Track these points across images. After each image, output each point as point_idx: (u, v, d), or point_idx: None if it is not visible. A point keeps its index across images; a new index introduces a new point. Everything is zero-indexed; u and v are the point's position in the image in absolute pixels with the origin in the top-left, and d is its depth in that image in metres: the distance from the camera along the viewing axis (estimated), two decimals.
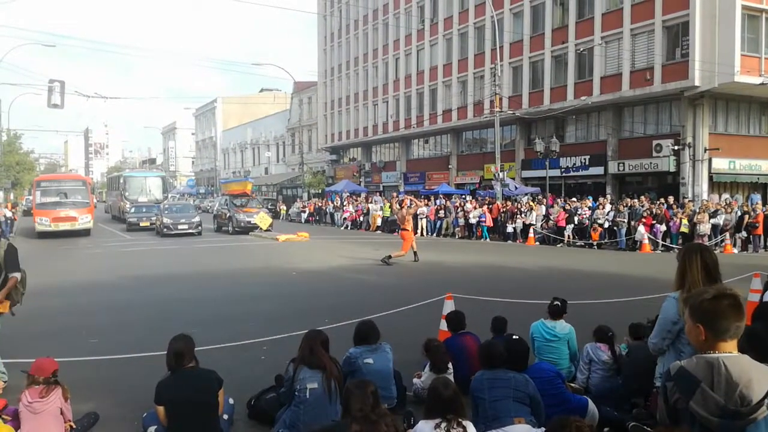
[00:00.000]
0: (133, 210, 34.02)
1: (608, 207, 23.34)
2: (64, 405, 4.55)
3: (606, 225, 22.65)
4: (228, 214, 30.92)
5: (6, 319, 6.34)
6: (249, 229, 29.19)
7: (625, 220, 22.03)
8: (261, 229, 28.71)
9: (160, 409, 4.33)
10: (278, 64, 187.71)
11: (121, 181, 40.91)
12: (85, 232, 28.90)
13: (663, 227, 21.30)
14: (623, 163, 29.35)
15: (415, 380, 5.84)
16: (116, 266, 17.29)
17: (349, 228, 34.50)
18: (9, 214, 28.28)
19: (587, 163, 30.95)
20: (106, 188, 59.11)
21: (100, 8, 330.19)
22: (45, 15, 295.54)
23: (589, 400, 5.04)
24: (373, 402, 3.65)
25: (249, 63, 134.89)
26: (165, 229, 28.29)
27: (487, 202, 28.33)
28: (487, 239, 26.04)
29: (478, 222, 26.62)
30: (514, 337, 5.34)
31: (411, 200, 21.00)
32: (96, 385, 6.17)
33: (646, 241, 20.97)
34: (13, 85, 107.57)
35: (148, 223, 31.83)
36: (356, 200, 37.89)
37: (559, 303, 6.18)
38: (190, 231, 28.57)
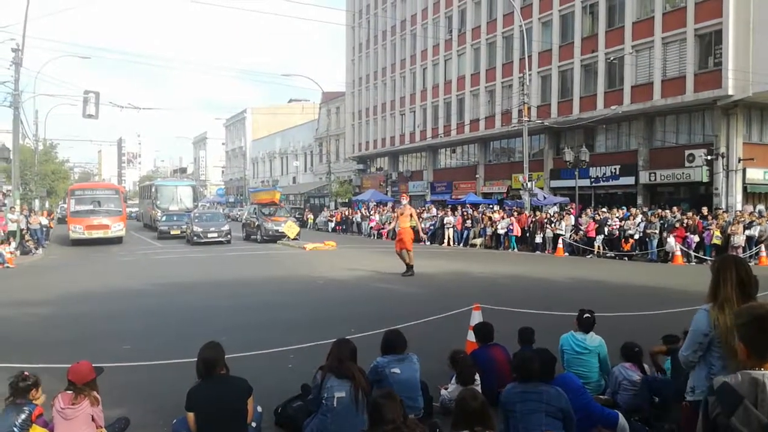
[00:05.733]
0: (164, 218, 34.56)
1: (639, 218, 22.96)
2: (95, 411, 4.62)
3: (637, 236, 22.28)
4: (257, 223, 31.23)
5: (40, 325, 6.49)
6: (277, 237, 29.43)
7: (657, 231, 21.65)
8: (289, 237, 28.94)
9: (190, 415, 4.37)
10: (307, 74, 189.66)
11: (153, 189, 41.63)
12: (117, 240, 29.45)
13: (696, 238, 20.88)
14: (655, 173, 28.90)
15: (442, 391, 5.81)
16: (147, 274, 17.59)
17: (375, 237, 34.55)
18: (45, 221, 28.95)
19: (618, 172, 30.53)
20: (139, 197, 60.15)
21: (134, 21, 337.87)
22: (80, 28, 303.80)
23: (620, 415, 4.96)
24: (403, 413, 3.65)
25: (278, 74, 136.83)
26: (195, 237, 28.69)
27: (515, 212, 28.12)
28: (515, 249, 25.82)
29: (506, 232, 26.42)
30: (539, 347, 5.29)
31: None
32: (127, 390, 6.27)
33: (678, 253, 20.56)
34: (50, 96, 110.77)
35: (178, 231, 32.29)
36: (383, 210, 37.95)
37: (589, 315, 6.11)
38: (220, 239, 28.93)
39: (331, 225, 41.72)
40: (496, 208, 31.23)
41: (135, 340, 8.83)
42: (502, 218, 27.18)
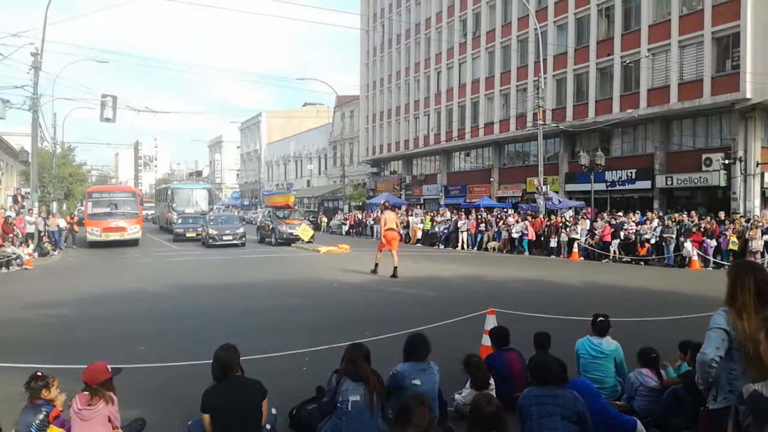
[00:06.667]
0: (180, 221, 34.81)
1: (656, 222, 22.75)
2: (112, 412, 4.65)
3: (653, 240, 22.08)
4: (271, 226, 31.33)
5: (58, 326, 6.55)
6: (291, 240, 29.51)
7: (674, 236, 21.42)
8: (303, 240, 29.02)
9: (206, 417, 4.39)
10: (321, 78, 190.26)
11: (169, 192, 41.97)
12: (133, 242, 29.68)
13: (713, 243, 20.63)
14: (671, 177, 28.64)
15: (456, 396, 5.79)
16: (163, 276, 17.73)
17: None
18: (63, 224, 29.25)
19: (634, 176, 30.31)
20: (155, 200, 60.68)
21: (150, 26, 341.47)
22: (98, 33, 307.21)
23: (638, 421, 4.91)
24: (429, 419, 3.64)
25: (293, 78, 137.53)
26: (210, 240, 28.85)
27: (530, 215, 27.98)
28: (527, 253, 25.69)
29: (521, 236, 26.31)
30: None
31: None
32: (143, 392, 6.31)
33: (696, 258, 20.34)
34: (68, 100, 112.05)
35: (194, 234, 32.51)
36: (397, 213, 37.90)
37: (603, 319, 6.07)
38: (235, 242, 29.07)
39: (345, 228, 41.75)
40: (510, 212, 31.11)
41: (150, 341, 8.89)
42: (517, 222, 27.08)
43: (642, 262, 21.86)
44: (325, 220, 47.68)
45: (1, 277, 18.15)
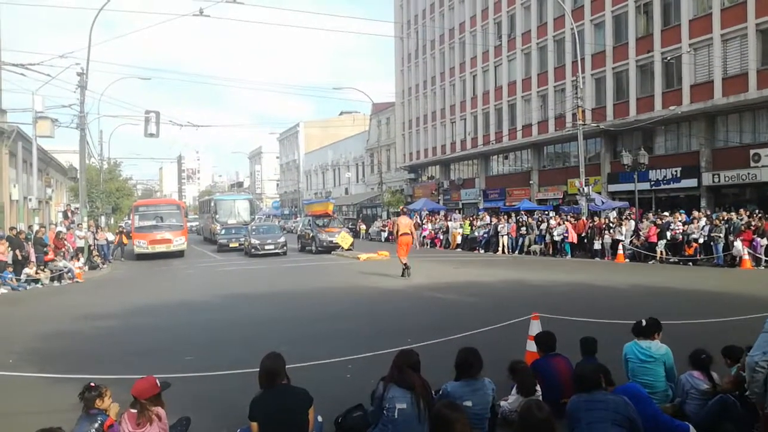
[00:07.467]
0: (223, 232, 35.46)
1: (703, 221, 22.10)
2: (161, 427, 4.71)
3: (701, 240, 21.44)
4: (311, 234, 31.62)
5: (108, 337, 6.70)
6: (331, 248, 29.73)
7: (722, 235, 20.76)
8: (343, 248, 29.19)
9: (254, 425, 4.45)
10: (357, 87, 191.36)
11: (212, 204, 42.80)
12: (179, 254, 30.34)
13: (764, 241, 19.91)
14: (718, 175, 27.81)
15: (502, 403, 5.73)
16: (208, 286, 18.06)
17: (428, 246, 34.43)
18: (111, 237, 30.11)
19: (679, 175, 29.53)
20: (198, 211, 61.94)
21: (189, 42, 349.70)
22: (140, 51, 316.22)
23: (691, 426, 4.77)
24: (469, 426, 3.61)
25: (329, 88, 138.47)
26: (253, 250, 29.30)
27: (571, 217, 27.51)
28: (569, 256, 25.25)
29: (563, 239, 25.89)
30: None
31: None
32: (191, 401, 6.42)
33: (746, 257, 19.66)
34: (113, 117, 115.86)
35: (237, 244, 33.05)
36: (435, 219, 37.81)
37: (644, 321, 5.93)
38: (276, 251, 29.43)
39: (384, 235, 41.80)
40: (552, 214, 30.67)
41: (197, 351, 9.05)
42: (559, 224, 26.67)
43: (690, 263, 21.26)
44: (364, 227, 47.89)
45: (54, 291, 18.80)
